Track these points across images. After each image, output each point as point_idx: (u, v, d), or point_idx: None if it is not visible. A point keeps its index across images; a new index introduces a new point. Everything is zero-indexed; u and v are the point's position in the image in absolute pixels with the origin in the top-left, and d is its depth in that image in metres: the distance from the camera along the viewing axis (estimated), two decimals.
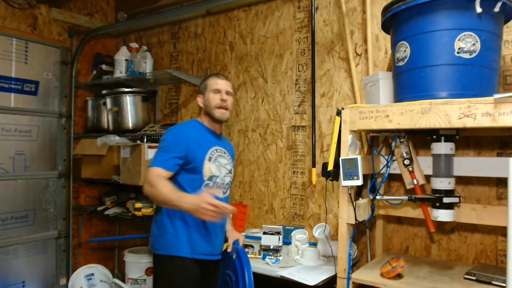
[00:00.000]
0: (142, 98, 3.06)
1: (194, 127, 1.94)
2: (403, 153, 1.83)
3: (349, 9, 2.38)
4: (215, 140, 1.96)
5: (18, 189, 3.09)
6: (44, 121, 3.26)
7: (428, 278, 1.70)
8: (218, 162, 1.91)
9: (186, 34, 3.23)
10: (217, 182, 1.90)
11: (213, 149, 1.91)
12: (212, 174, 1.87)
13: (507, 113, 1.35)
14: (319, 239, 2.23)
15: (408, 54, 1.62)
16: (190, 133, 1.88)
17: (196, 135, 1.89)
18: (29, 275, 3.14)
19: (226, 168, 1.96)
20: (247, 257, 1.83)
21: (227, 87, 1.96)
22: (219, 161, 1.92)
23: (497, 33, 1.57)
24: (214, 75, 2.03)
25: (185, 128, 1.93)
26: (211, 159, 1.88)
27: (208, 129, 1.96)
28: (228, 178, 1.97)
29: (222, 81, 1.97)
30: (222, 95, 1.93)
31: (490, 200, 1.92)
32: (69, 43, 3.39)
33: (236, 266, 1.82)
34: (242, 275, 1.77)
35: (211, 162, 1.88)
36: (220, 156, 1.94)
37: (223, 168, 1.94)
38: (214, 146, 1.92)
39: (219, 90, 1.93)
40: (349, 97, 2.39)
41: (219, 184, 1.91)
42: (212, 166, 1.88)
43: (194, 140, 1.86)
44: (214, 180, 1.89)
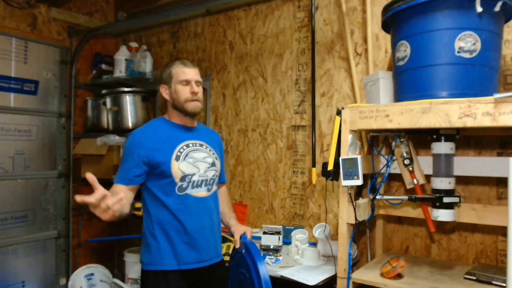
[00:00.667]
0: (142, 98, 3.06)
1: (155, 126, 1.77)
2: (403, 153, 1.83)
3: (349, 8, 2.38)
4: (186, 134, 1.77)
5: (18, 189, 3.09)
6: (43, 121, 3.25)
7: (428, 278, 1.69)
8: (191, 158, 1.72)
9: (186, 33, 3.22)
10: (193, 181, 1.71)
11: (182, 146, 1.72)
12: (184, 173, 1.68)
13: (507, 112, 1.35)
14: (319, 239, 2.23)
15: (408, 54, 1.62)
16: (147, 136, 1.70)
17: (158, 135, 1.72)
18: (29, 275, 3.13)
19: (206, 162, 1.76)
20: (258, 249, 1.66)
21: (196, 76, 1.76)
22: (193, 157, 1.73)
23: (497, 32, 1.56)
24: (180, 61, 1.78)
25: (143, 130, 1.74)
26: (180, 157, 1.69)
27: (175, 124, 1.78)
28: (211, 173, 1.77)
29: (190, 69, 1.75)
30: (193, 87, 1.73)
31: (490, 200, 1.92)
32: (69, 42, 3.39)
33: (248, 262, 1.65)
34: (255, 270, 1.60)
35: (180, 161, 1.69)
36: (194, 151, 1.74)
37: (201, 163, 1.74)
38: (183, 141, 1.74)
39: (188, 81, 1.73)
40: (349, 96, 2.38)
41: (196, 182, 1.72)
42: (183, 165, 1.69)
43: (155, 142, 1.68)
44: (189, 179, 1.70)
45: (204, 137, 1.84)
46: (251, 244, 1.70)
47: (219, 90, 2.99)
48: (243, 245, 1.72)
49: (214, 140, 1.91)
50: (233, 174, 2.90)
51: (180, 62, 1.77)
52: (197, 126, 1.87)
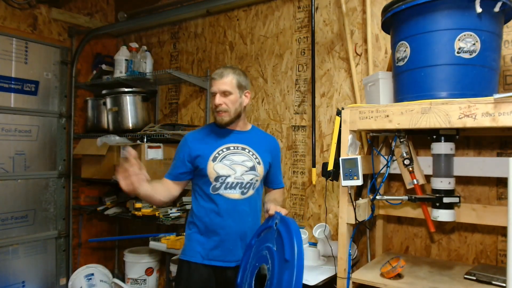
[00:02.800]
0: (142, 98, 3.07)
1: (203, 129, 1.91)
2: (403, 153, 1.83)
3: (349, 9, 2.38)
4: (230, 137, 1.85)
5: (18, 189, 3.09)
6: (44, 121, 3.26)
7: (428, 278, 1.70)
8: (228, 161, 1.79)
9: (186, 34, 3.23)
10: (227, 182, 1.78)
11: (222, 148, 1.81)
12: (218, 174, 1.77)
13: (507, 113, 1.35)
14: (319, 239, 2.23)
15: (408, 54, 1.62)
16: (194, 137, 1.86)
17: (202, 137, 1.85)
18: (29, 275, 3.13)
19: (244, 166, 1.80)
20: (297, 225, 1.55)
21: (223, 86, 1.79)
22: (231, 159, 1.80)
23: (497, 33, 1.57)
24: (214, 73, 1.86)
25: (194, 132, 1.91)
26: (217, 158, 1.79)
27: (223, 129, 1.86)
28: (249, 176, 1.80)
29: (218, 81, 1.81)
30: (216, 99, 1.80)
31: (490, 200, 1.92)
32: (69, 43, 3.39)
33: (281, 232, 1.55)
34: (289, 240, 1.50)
35: (216, 162, 1.78)
36: (233, 154, 1.81)
37: (238, 166, 1.79)
38: (224, 144, 1.82)
39: (214, 93, 1.82)
40: (349, 97, 2.38)
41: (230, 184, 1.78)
42: (218, 166, 1.77)
43: (198, 143, 1.82)
44: (223, 180, 1.77)
45: (251, 141, 1.87)
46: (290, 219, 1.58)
47: None
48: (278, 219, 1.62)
49: (264, 145, 1.91)
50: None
51: (214, 73, 1.84)
52: (248, 130, 1.92)
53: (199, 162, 1.79)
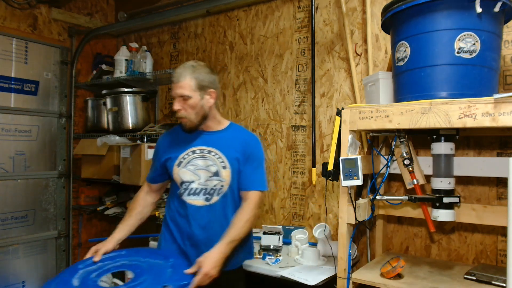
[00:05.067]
0: (142, 98, 3.07)
1: (174, 130, 1.87)
2: (403, 153, 1.83)
3: (349, 9, 2.38)
4: (198, 140, 1.76)
5: (18, 189, 3.09)
6: (44, 121, 3.26)
7: (428, 278, 1.70)
8: (193, 166, 1.71)
9: (186, 34, 3.23)
10: (191, 188, 1.71)
11: (187, 152, 1.74)
12: (182, 180, 1.72)
13: (507, 113, 1.35)
14: (319, 239, 2.23)
15: (408, 54, 1.62)
16: (163, 140, 1.86)
17: (171, 140, 1.82)
18: (29, 275, 3.13)
19: (208, 171, 1.71)
20: None
21: (179, 90, 1.65)
22: (196, 164, 1.71)
23: (497, 33, 1.57)
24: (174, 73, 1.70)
25: (165, 134, 1.91)
26: (181, 164, 1.73)
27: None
28: (213, 182, 1.70)
29: (175, 84, 1.67)
30: (174, 104, 1.68)
31: (490, 200, 1.92)
32: (69, 43, 3.39)
33: None
34: None
35: (181, 167, 1.73)
36: (198, 158, 1.72)
37: (203, 171, 1.71)
38: (190, 148, 1.74)
39: (173, 97, 1.69)
40: (349, 97, 2.38)
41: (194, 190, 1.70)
42: (182, 172, 1.72)
43: (167, 146, 1.82)
44: (186, 186, 1.72)
45: (220, 143, 1.75)
46: None
47: (219, 91, 2.99)
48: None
49: (236, 145, 1.75)
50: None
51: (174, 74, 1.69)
52: (221, 130, 1.79)
53: (168, 166, 1.80)
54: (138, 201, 1.90)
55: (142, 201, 1.91)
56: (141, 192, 1.94)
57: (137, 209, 1.88)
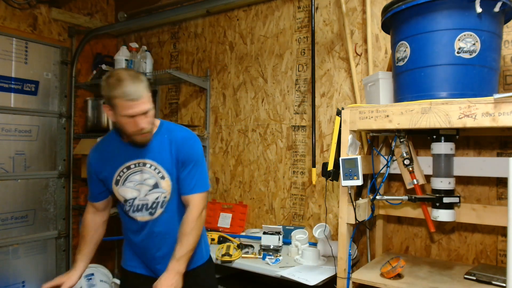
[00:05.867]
0: None
1: (103, 144, 1.69)
2: (403, 153, 1.83)
3: (349, 9, 2.38)
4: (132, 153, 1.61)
5: (18, 189, 3.09)
6: (44, 121, 3.25)
7: (428, 278, 1.70)
8: (132, 182, 1.61)
9: (186, 34, 3.23)
10: (134, 205, 1.63)
11: (122, 169, 1.62)
12: (125, 198, 1.63)
13: (507, 113, 1.35)
14: (319, 239, 2.23)
15: (408, 54, 1.62)
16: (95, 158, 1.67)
17: (102, 156, 1.65)
18: (29, 275, 3.13)
19: (146, 185, 1.60)
20: None
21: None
22: (134, 179, 1.60)
23: (497, 33, 1.57)
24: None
25: (94, 150, 1.70)
26: (119, 182, 1.62)
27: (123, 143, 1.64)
28: (153, 196, 1.61)
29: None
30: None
31: (490, 200, 1.92)
32: (69, 43, 3.39)
33: None
34: None
35: (119, 186, 1.62)
36: (134, 173, 1.60)
37: (142, 185, 1.60)
38: (125, 163, 1.61)
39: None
40: (349, 97, 2.39)
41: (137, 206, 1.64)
42: (122, 190, 1.62)
43: (100, 164, 1.65)
44: (131, 203, 1.64)
45: (152, 151, 1.61)
46: None
47: (219, 91, 2.99)
48: None
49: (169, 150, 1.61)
50: (233, 174, 2.90)
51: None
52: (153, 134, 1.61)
53: (107, 184, 1.67)
54: (88, 225, 1.76)
55: (92, 224, 1.76)
56: (88, 214, 1.77)
57: (89, 235, 1.76)
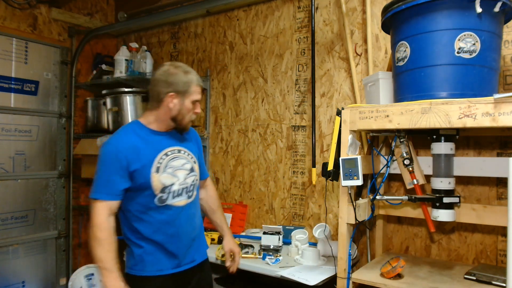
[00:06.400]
0: (142, 98, 3.06)
1: (133, 133, 1.65)
2: (403, 153, 1.83)
3: (349, 9, 2.38)
4: (165, 141, 1.69)
5: (18, 189, 3.09)
6: (44, 121, 3.26)
7: (428, 278, 1.70)
8: (171, 168, 1.65)
9: (186, 34, 3.23)
10: (173, 191, 1.66)
11: (161, 155, 1.65)
12: (164, 185, 1.63)
13: (507, 113, 1.35)
14: (319, 239, 2.23)
15: (408, 54, 1.62)
16: (126, 147, 1.59)
17: (138, 144, 1.61)
18: (29, 275, 3.13)
19: (184, 169, 1.70)
20: None
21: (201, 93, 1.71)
22: (173, 166, 1.66)
23: (497, 33, 1.57)
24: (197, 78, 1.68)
25: (122, 139, 1.62)
26: (160, 169, 1.63)
27: (155, 132, 1.69)
28: (190, 179, 1.72)
29: (200, 87, 1.69)
30: (198, 108, 1.69)
31: (490, 200, 1.92)
32: (69, 43, 3.39)
33: None
34: None
35: (160, 173, 1.62)
36: (173, 159, 1.67)
37: (180, 171, 1.68)
38: (163, 149, 1.66)
39: (196, 101, 1.67)
40: (349, 97, 2.39)
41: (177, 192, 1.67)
42: (163, 177, 1.63)
43: (133, 153, 1.59)
44: (169, 190, 1.65)
45: (183, 140, 1.76)
46: None
47: (219, 91, 2.99)
48: None
49: (191, 138, 1.83)
50: (233, 174, 2.90)
51: (197, 79, 1.68)
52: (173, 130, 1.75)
53: (139, 176, 1.60)
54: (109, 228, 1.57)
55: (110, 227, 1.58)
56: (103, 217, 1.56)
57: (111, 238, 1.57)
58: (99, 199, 1.57)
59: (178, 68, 1.66)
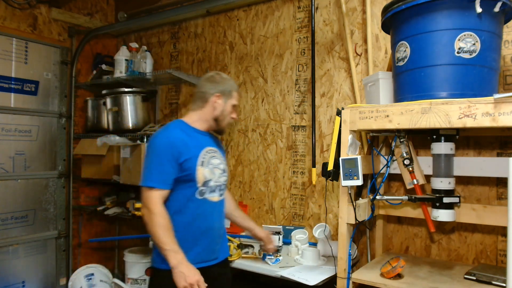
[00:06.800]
0: (142, 98, 3.07)
1: (180, 128, 1.78)
2: (403, 153, 1.83)
3: (349, 9, 2.38)
4: (206, 141, 1.83)
5: (18, 189, 3.09)
6: (44, 121, 3.26)
7: (428, 278, 1.70)
8: (211, 165, 1.79)
9: (186, 34, 3.23)
10: (211, 187, 1.77)
11: (204, 152, 1.78)
12: (206, 179, 1.75)
13: (507, 113, 1.35)
14: (319, 239, 2.23)
15: (408, 54, 1.62)
16: (179, 138, 1.72)
17: (186, 139, 1.74)
18: (29, 275, 3.13)
19: (219, 169, 1.83)
20: None
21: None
22: (212, 163, 1.79)
23: (497, 33, 1.57)
24: (236, 84, 1.91)
25: (173, 132, 1.75)
26: (204, 163, 1.75)
27: (197, 130, 1.83)
28: (223, 179, 1.85)
29: (239, 96, 1.99)
30: (235, 113, 1.88)
31: (490, 200, 1.92)
32: (69, 43, 3.39)
33: None
34: None
35: (204, 167, 1.75)
36: (212, 157, 1.81)
37: (216, 169, 1.81)
38: (205, 147, 1.79)
39: (235, 107, 1.87)
40: (349, 97, 2.39)
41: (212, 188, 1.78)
42: (206, 171, 1.75)
43: (184, 145, 1.71)
44: (208, 184, 1.76)
45: (215, 143, 1.91)
46: None
47: None
48: None
49: (220, 145, 1.98)
50: (233, 174, 2.90)
51: (237, 87, 1.91)
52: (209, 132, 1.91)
53: (187, 167, 1.70)
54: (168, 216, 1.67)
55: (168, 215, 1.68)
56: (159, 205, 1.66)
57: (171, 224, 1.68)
58: (155, 188, 1.66)
59: (223, 75, 1.89)
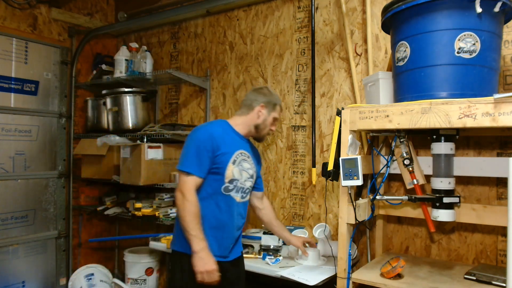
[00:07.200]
0: (142, 98, 3.07)
1: (222, 127, 1.90)
2: (403, 153, 1.83)
3: (349, 9, 2.38)
4: (242, 143, 1.93)
5: (18, 189, 3.09)
6: (44, 121, 3.26)
7: (428, 278, 1.70)
8: (241, 166, 1.88)
9: (186, 34, 3.23)
10: (237, 186, 1.86)
11: (238, 153, 1.88)
12: (233, 177, 1.84)
13: (507, 113, 1.35)
14: (319, 239, 2.23)
15: (408, 54, 1.62)
16: (218, 133, 1.84)
17: (224, 136, 1.86)
18: (29, 275, 3.14)
19: (248, 173, 1.92)
20: None
21: None
22: (242, 165, 1.89)
23: (497, 33, 1.57)
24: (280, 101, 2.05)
25: (215, 127, 1.88)
26: (235, 162, 1.85)
27: (238, 133, 1.93)
28: (249, 183, 1.93)
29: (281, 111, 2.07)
30: (275, 126, 2.00)
31: (490, 200, 1.92)
32: (69, 43, 3.39)
33: None
34: None
35: (235, 165, 1.85)
36: (244, 160, 1.90)
37: (245, 172, 1.90)
38: (239, 149, 1.89)
39: (276, 120, 1.99)
40: (349, 97, 2.39)
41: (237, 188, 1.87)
42: (235, 170, 1.85)
43: (222, 141, 1.83)
44: (235, 183, 1.86)
45: (251, 150, 1.99)
46: None
47: (219, 91, 2.99)
48: None
49: (256, 154, 2.06)
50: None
51: (281, 103, 2.05)
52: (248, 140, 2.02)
53: (220, 161, 1.81)
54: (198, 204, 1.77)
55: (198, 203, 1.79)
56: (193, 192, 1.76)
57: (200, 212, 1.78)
58: (192, 173, 1.76)
59: (270, 90, 2.04)
